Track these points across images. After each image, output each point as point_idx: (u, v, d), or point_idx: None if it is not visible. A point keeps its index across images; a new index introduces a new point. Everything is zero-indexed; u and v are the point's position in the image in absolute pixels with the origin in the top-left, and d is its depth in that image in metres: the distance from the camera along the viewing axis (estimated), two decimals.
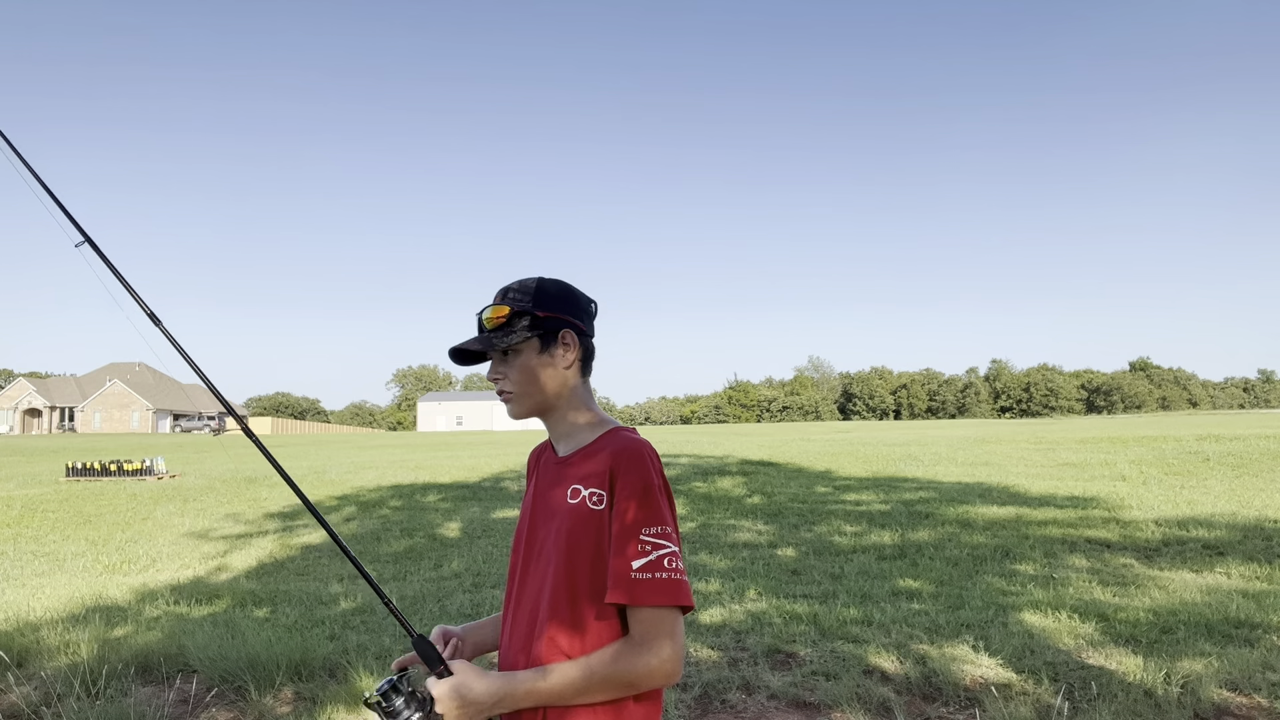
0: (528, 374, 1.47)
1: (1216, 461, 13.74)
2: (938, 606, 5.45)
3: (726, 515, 10.08)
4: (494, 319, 1.47)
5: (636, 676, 1.29)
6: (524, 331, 1.46)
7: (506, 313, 1.46)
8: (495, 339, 1.46)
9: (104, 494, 14.10)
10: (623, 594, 1.30)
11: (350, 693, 4.02)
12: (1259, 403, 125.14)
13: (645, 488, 1.35)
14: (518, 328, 1.46)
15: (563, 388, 1.49)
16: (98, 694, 4.02)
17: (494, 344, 1.46)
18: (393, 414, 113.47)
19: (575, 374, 1.50)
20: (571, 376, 1.50)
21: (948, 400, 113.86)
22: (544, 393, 1.48)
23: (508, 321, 1.46)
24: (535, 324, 1.46)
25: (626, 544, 1.32)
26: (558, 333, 1.47)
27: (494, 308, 1.48)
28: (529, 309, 1.46)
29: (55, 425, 69.90)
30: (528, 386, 1.48)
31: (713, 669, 4.28)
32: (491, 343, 1.46)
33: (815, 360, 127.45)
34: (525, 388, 1.48)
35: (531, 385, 1.47)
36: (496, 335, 1.47)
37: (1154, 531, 8.02)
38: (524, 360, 1.47)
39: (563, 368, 1.48)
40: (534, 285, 1.49)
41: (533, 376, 1.47)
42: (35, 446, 34.34)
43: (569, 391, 1.50)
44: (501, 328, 1.47)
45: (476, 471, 16.31)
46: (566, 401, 1.50)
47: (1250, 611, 5.00)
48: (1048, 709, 3.64)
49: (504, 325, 1.47)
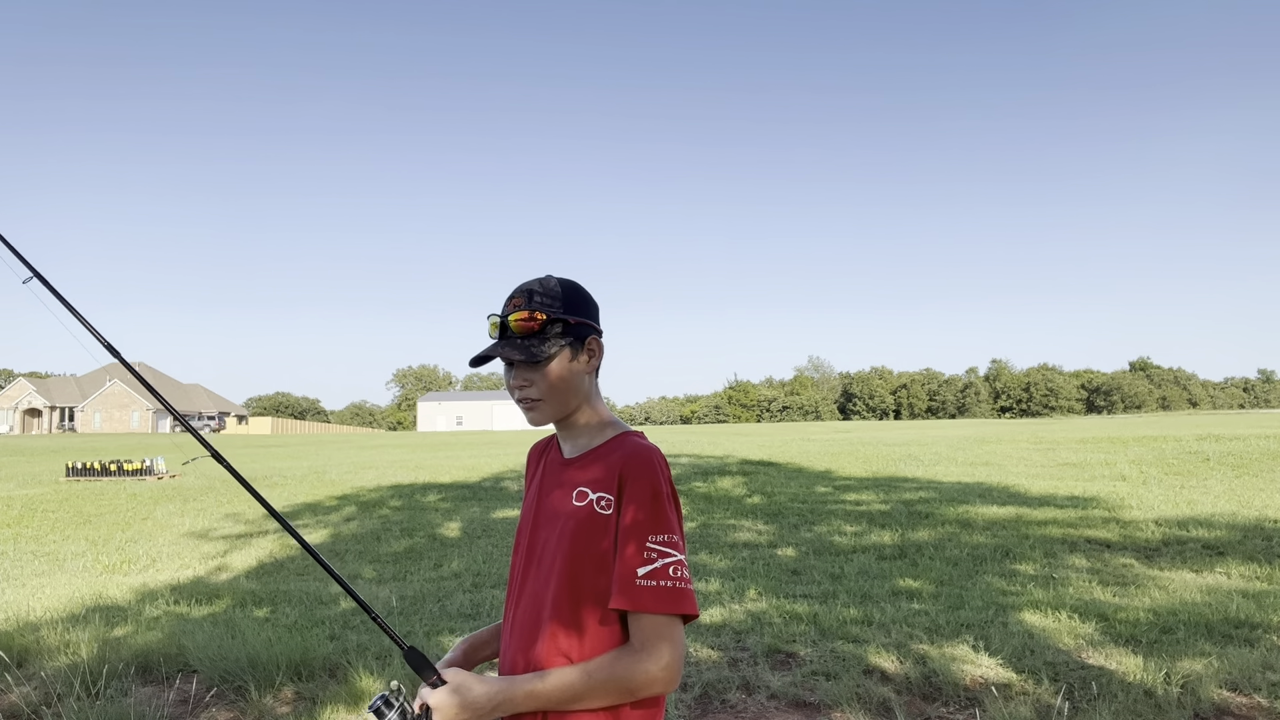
0: (559, 382, 1.41)
1: (1216, 461, 13.74)
2: (938, 606, 5.45)
3: (726, 515, 10.08)
4: (524, 325, 1.40)
5: (635, 683, 1.28)
6: (558, 340, 1.41)
7: (541, 319, 1.40)
8: (534, 349, 1.40)
9: (104, 494, 14.10)
10: (626, 600, 1.30)
11: (350, 693, 4.02)
12: (1259, 403, 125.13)
13: (654, 495, 1.34)
14: (552, 335, 1.40)
15: (581, 392, 1.47)
16: (98, 694, 4.02)
17: (536, 355, 1.39)
18: (393, 414, 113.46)
19: (592, 376, 1.49)
20: (589, 380, 1.48)
21: (948, 400, 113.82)
22: (574, 399, 1.45)
23: (542, 329, 1.40)
24: (566, 331, 1.42)
25: (632, 550, 1.31)
26: (585, 339, 1.44)
27: (523, 312, 1.41)
28: (561, 315, 1.41)
29: (55, 425, 69.88)
30: (558, 395, 1.42)
31: (713, 669, 4.28)
32: (533, 354, 1.39)
33: (815, 360, 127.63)
34: (554, 396, 1.42)
35: (563, 393, 1.43)
36: (533, 344, 1.40)
37: (1154, 531, 8.02)
38: (555, 368, 1.41)
39: (585, 373, 1.46)
40: (558, 288, 1.43)
41: (563, 384, 1.42)
42: (35, 446, 34.34)
43: (585, 394, 1.48)
44: (536, 335, 1.41)
45: (476, 471, 16.30)
46: (583, 405, 1.48)
47: (1250, 611, 5.00)
48: (1048, 709, 3.64)
49: (539, 333, 1.41)
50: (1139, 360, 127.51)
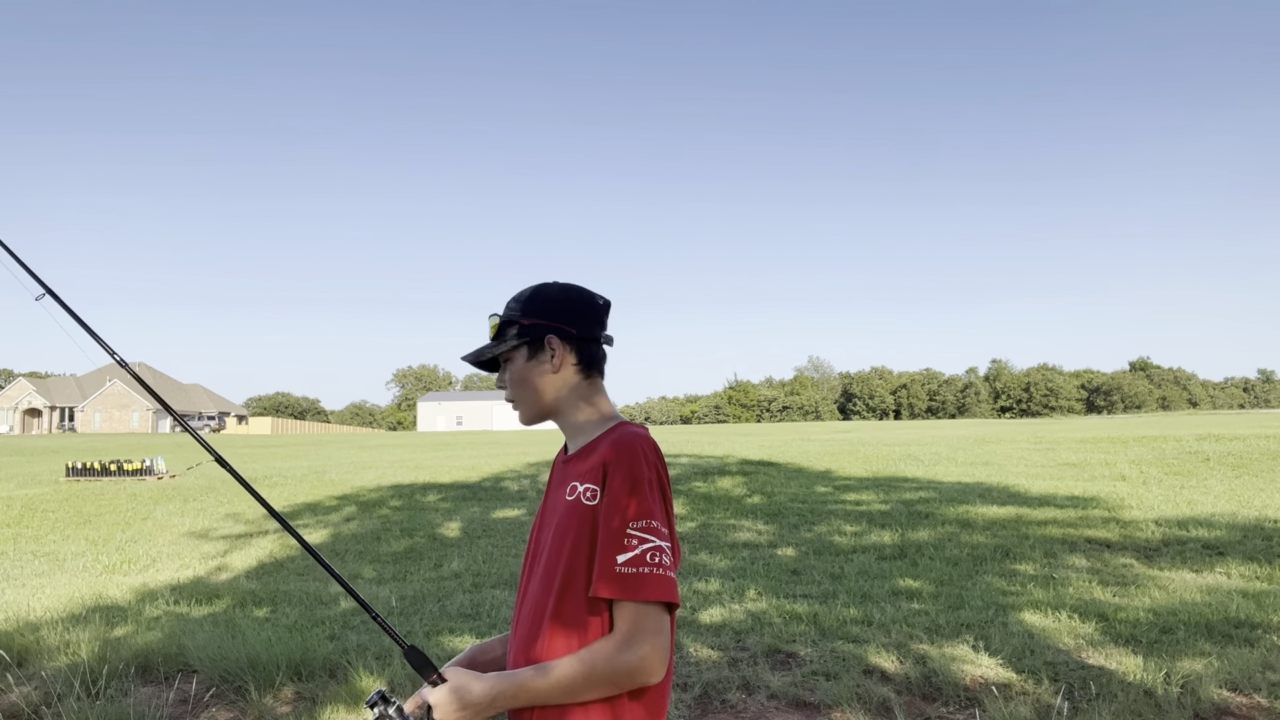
0: (520, 381, 1.52)
1: (1216, 461, 13.75)
2: (938, 606, 5.45)
3: (726, 515, 10.08)
4: (492, 329, 1.56)
5: (617, 674, 1.28)
6: (512, 340, 1.52)
7: (498, 323, 1.55)
8: (487, 348, 1.55)
9: (104, 494, 14.10)
10: (606, 588, 1.30)
11: (350, 693, 4.02)
12: (1259, 403, 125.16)
13: (635, 481, 1.34)
14: (507, 337, 1.53)
15: (561, 391, 1.50)
16: (98, 694, 4.02)
17: (484, 353, 1.55)
18: (393, 414, 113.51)
19: (574, 375, 1.50)
20: (570, 378, 1.50)
21: (948, 400, 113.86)
22: (541, 398, 1.52)
23: (499, 331, 1.54)
24: (521, 332, 1.51)
25: (612, 537, 1.32)
26: (543, 339, 1.50)
27: (492, 319, 1.57)
28: (516, 318, 1.52)
29: (55, 425, 69.90)
30: (522, 393, 1.53)
31: (713, 669, 4.28)
32: (483, 352, 1.55)
33: (815, 360, 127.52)
34: (520, 394, 1.53)
35: (525, 391, 1.52)
36: (490, 345, 1.55)
37: (1154, 531, 8.02)
38: (515, 368, 1.53)
39: (554, 372, 1.50)
40: (528, 293, 1.54)
41: (524, 383, 1.52)
42: (35, 446, 34.35)
43: (569, 393, 1.50)
44: (496, 337, 1.55)
45: (476, 471, 16.30)
46: (568, 403, 1.51)
47: (1250, 611, 5.00)
48: (1048, 709, 3.64)
49: (497, 335, 1.55)
50: (1139, 360, 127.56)
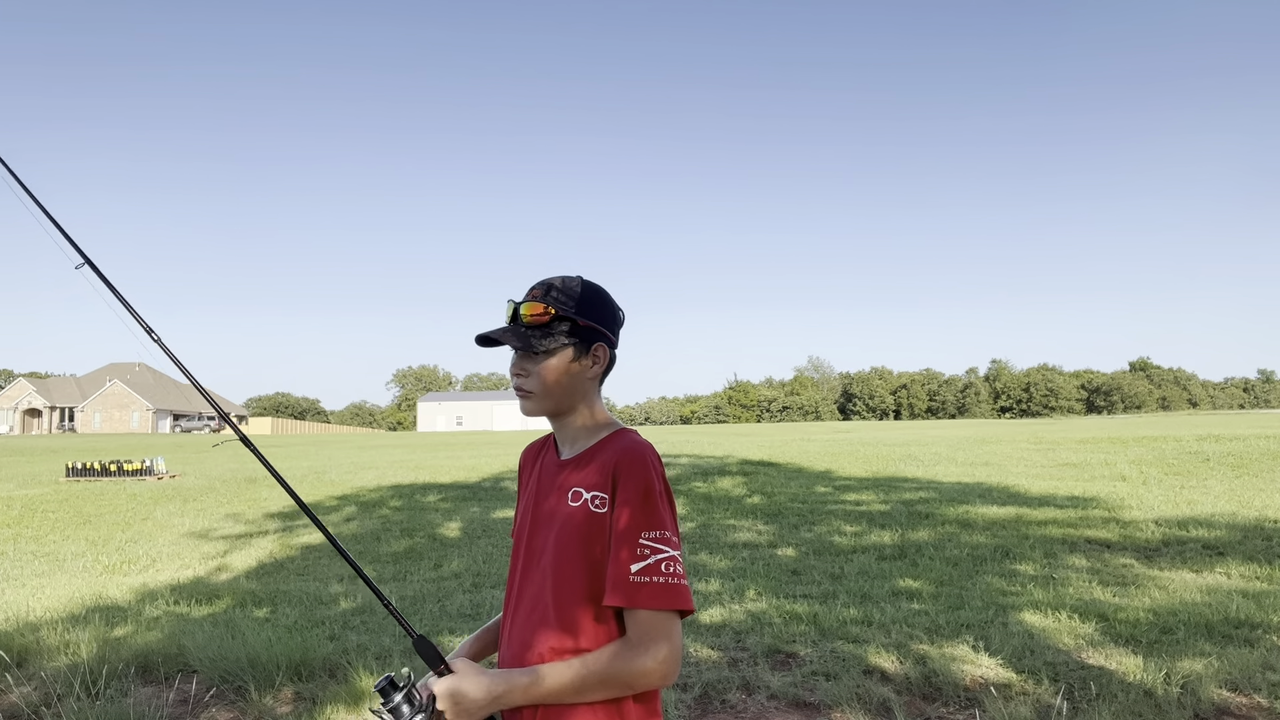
0: (554, 379, 1.45)
1: (1216, 461, 13.74)
2: (938, 606, 5.45)
3: (726, 515, 10.08)
4: (533, 316, 1.44)
5: (631, 677, 1.31)
6: (562, 337, 1.44)
7: (550, 314, 1.43)
8: (534, 340, 1.43)
9: (104, 494, 14.10)
10: (620, 597, 1.31)
11: (350, 693, 4.02)
12: (1259, 403, 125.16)
13: (646, 491, 1.35)
14: (557, 331, 1.44)
15: (580, 395, 1.49)
16: (98, 694, 4.02)
17: (533, 346, 1.43)
18: (393, 414, 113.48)
19: (594, 382, 1.50)
20: (590, 385, 1.50)
21: (948, 400, 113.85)
22: (565, 398, 1.47)
23: (548, 323, 1.44)
24: (574, 331, 1.44)
25: (625, 547, 1.33)
26: (592, 344, 1.46)
27: (535, 304, 1.45)
28: (571, 314, 1.44)
29: (55, 425, 69.87)
30: (551, 390, 1.46)
31: (713, 669, 4.28)
32: (531, 344, 1.43)
33: (815, 360, 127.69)
34: (548, 391, 1.46)
35: (556, 390, 1.46)
36: (535, 335, 1.44)
37: (1154, 531, 8.02)
38: (554, 365, 1.44)
39: (587, 377, 1.48)
40: (578, 289, 1.46)
41: (559, 382, 1.45)
42: (35, 446, 34.33)
43: (583, 398, 1.49)
44: (541, 327, 1.44)
45: (476, 471, 16.30)
46: (579, 407, 1.50)
47: (1250, 611, 5.00)
48: (1048, 709, 3.64)
49: (544, 326, 1.44)
50: (1139, 360, 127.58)
